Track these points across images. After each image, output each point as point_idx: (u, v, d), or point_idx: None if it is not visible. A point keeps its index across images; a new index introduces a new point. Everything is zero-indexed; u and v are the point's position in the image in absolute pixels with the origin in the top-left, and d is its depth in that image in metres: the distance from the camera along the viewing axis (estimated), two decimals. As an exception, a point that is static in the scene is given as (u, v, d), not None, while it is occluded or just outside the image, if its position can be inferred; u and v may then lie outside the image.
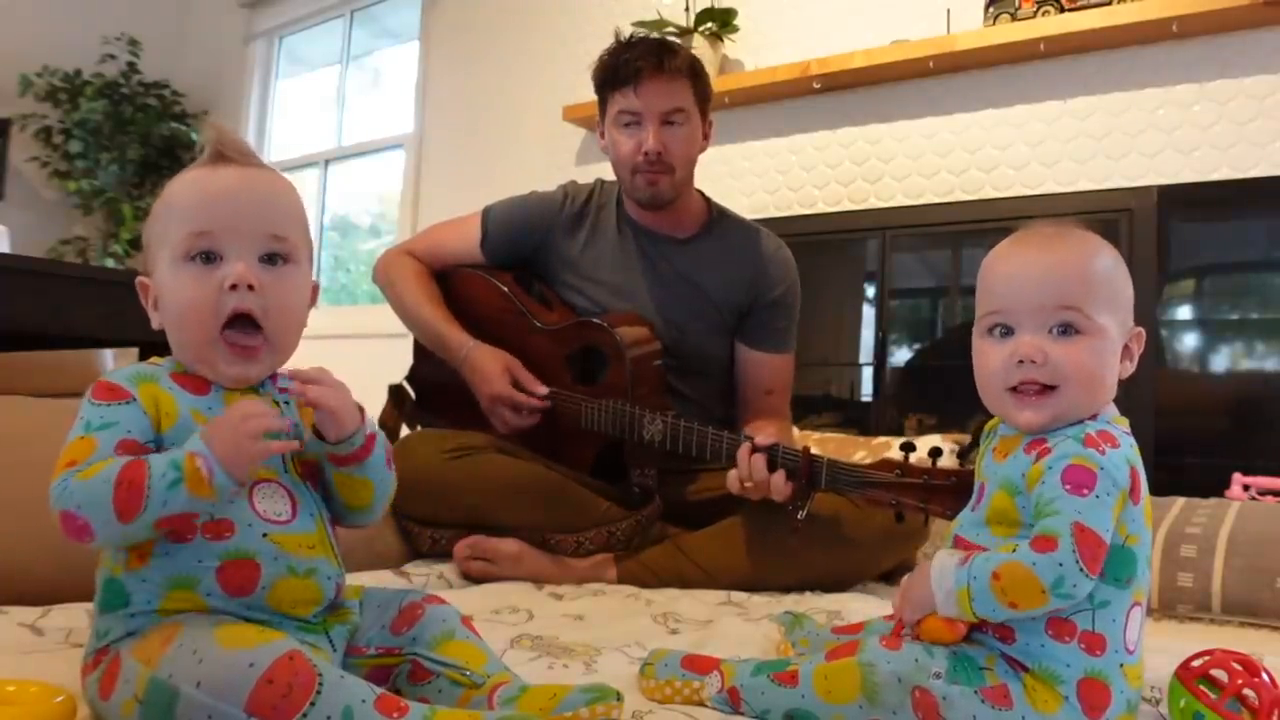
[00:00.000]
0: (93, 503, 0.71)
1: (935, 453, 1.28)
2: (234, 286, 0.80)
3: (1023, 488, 0.83)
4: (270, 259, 0.82)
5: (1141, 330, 0.87)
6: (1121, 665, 0.80)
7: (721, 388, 1.86)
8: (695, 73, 1.72)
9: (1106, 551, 0.77)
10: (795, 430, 2.10)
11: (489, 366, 1.68)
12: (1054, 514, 0.77)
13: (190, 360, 0.83)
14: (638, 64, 1.67)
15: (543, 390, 1.69)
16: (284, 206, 0.85)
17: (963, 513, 0.91)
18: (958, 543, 0.85)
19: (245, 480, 0.75)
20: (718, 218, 1.85)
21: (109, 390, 0.79)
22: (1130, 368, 0.86)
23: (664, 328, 1.76)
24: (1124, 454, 0.81)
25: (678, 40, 2.83)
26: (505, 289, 1.82)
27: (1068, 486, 0.78)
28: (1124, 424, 0.86)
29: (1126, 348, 0.86)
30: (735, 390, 1.85)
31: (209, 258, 0.80)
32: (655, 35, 1.86)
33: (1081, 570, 0.75)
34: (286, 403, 0.85)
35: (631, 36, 1.75)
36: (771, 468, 1.41)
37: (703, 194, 1.87)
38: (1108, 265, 0.86)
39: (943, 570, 0.82)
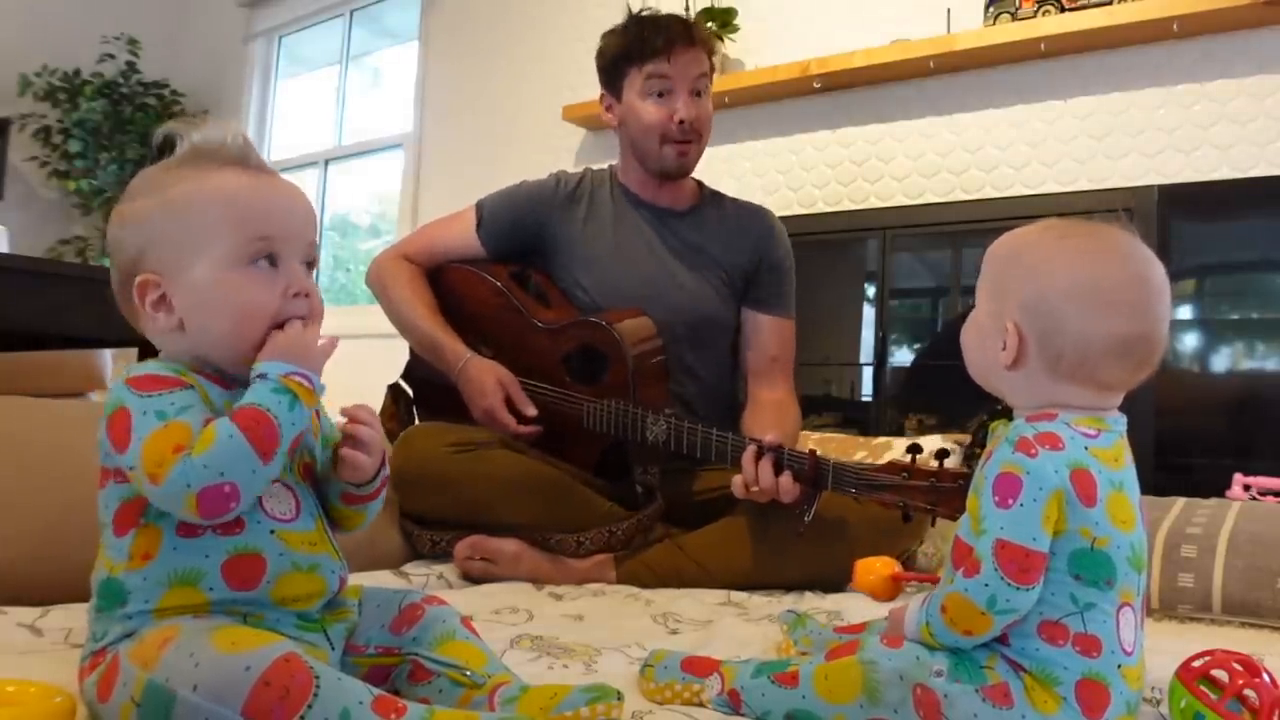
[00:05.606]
0: (233, 461, 0.72)
1: (942, 454, 1.28)
2: (297, 294, 0.83)
3: (978, 491, 0.84)
4: (307, 265, 0.86)
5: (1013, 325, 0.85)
6: (1119, 666, 0.79)
7: (730, 362, 1.89)
8: (712, 44, 1.81)
9: (1041, 558, 0.78)
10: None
11: (483, 380, 1.68)
12: (982, 533, 0.79)
13: (231, 358, 0.82)
14: (669, 34, 1.72)
15: (532, 412, 1.68)
16: (314, 216, 0.90)
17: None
18: (956, 544, 0.85)
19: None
20: (710, 194, 1.93)
21: (159, 380, 0.77)
22: (1007, 358, 0.85)
23: (675, 295, 1.79)
24: (1066, 457, 0.80)
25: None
26: (500, 285, 1.81)
27: (995, 499, 0.79)
28: (1095, 424, 0.83)
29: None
30: (740, 364, 1.88)
31: (272, 261, 0.83)
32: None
33: (1010, 585, 0.77)
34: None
35: (641, 11, 1.80)
36: (777, 470, 1.41)
37: None
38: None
39: (909, 614, 0.86)
